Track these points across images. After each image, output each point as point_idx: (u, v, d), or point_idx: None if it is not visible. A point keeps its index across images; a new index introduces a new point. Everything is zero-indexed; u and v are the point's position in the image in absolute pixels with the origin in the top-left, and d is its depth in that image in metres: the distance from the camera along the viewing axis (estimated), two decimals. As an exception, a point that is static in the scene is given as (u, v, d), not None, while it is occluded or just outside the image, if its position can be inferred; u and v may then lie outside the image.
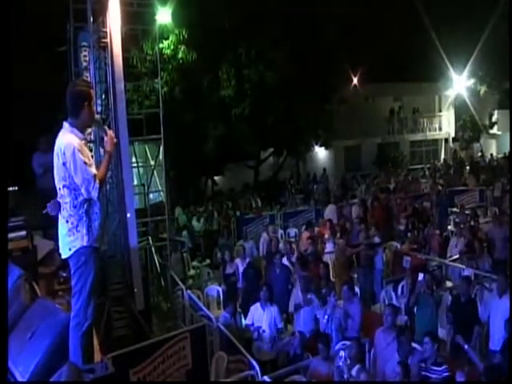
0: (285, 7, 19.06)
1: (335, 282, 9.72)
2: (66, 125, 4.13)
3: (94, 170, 4.07)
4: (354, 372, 6.04)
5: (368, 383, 6.09)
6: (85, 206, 4.11)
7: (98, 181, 4.05)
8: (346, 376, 6.03)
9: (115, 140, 4.38)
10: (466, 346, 6.49)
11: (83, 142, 4.16)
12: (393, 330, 6.84)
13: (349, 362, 6.13)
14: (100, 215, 4.25)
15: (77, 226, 4.10)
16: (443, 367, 6.00)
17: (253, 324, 8.16)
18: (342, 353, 6.19)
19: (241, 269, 10.61)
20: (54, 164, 4.11)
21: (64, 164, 4.00)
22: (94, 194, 4.06)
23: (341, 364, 6.08)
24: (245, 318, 8.56)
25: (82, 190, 4.04)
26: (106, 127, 4.52)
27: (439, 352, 6.32)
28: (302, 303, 8.27)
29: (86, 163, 4.00)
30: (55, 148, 4.09)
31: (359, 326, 7.89)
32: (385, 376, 6.39)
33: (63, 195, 4.11)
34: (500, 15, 21.76)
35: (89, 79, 8.32)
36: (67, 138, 4.04)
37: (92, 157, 6.99)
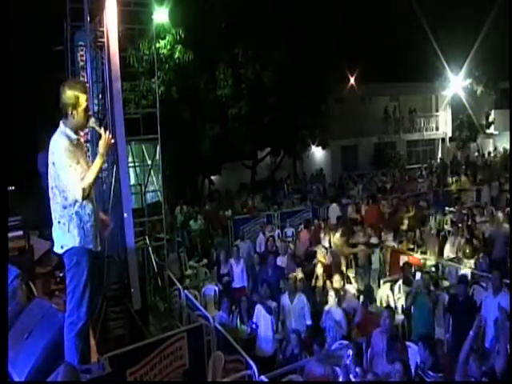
0: (281, 7, 19.06)
1: (331, 282, 9.72)
2: (60, 125, 4.11)
3: (80, 175, 3.97)
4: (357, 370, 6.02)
5: (368, 383, 6.07)
6: (75, 207, 4.08)
7: (82, 186, 3.95)
8: (352, 375, 5.99)
9: (112, 141, 4.19)
10: None
11: (76, 142, 4.12)
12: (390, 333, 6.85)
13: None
14: (93, 217, 4.19)
15: (68, 226, 4.08)
16: (438, 375, 5.97)
17: (256, 323, 8.18)
18: (350, 351, 6.14)
19: (235, 269, 10.61)
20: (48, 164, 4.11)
21: (53, 164, 4.02)
22: (79, 198, 4.00)
23: (348, 363, 6.03)
24: (240, 318, 8.57)
25: (67, 193, 4.03)
26: (102, 130, 4.27)
27: (437, 353, 6.29)
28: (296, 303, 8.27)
29: (71, 166, 3.95)
30: (49, 148, 4.08)
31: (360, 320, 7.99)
32: (383, 377, 6.37)
33: (54, 195, 4.10)
34: (496, 15, 21.81)
35: (85, 79, 8.30)
36: (57, 139, 4.05)
37: (89, 157, 6.92)
